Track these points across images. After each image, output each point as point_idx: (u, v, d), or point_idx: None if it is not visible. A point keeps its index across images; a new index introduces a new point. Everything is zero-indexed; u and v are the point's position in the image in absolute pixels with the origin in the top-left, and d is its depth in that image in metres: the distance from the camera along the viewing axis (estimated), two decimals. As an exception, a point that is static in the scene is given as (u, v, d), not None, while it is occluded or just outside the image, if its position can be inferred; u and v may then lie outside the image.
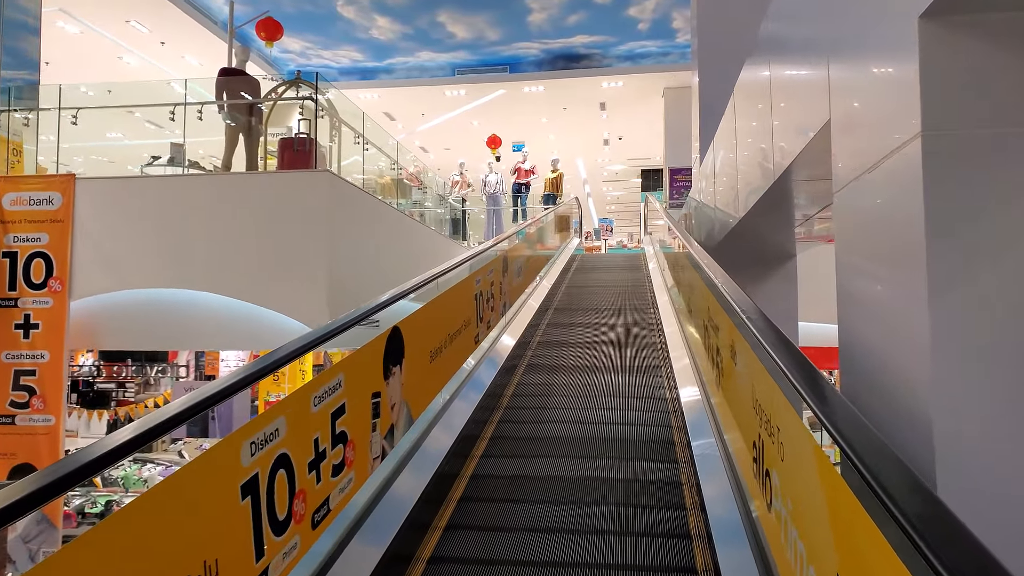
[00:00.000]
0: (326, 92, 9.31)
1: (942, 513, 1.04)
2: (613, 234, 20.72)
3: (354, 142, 9.05)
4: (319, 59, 14.52)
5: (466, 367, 4.30)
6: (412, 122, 16.97)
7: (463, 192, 14.58)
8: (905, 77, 1.76)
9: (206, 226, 7.09)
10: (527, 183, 14.65)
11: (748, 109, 4.39)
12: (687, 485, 3.29)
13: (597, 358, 5.39)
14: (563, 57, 14.13)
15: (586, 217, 28.64)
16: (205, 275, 7.17)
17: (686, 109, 14.43)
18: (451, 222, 14.74)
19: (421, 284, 3.38)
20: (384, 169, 11.25)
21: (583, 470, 3.49)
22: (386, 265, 8.48)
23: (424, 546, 2.82)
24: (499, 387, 4.75)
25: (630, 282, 8.42)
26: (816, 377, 1.78)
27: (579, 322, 6.54)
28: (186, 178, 8.30)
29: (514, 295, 6.22)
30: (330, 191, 7.29)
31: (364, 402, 2.52)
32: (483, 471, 3.51)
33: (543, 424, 4.10)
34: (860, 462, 1.26)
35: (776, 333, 2.19)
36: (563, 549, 2.78)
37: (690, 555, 2.69)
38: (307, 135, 8.84)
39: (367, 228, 8.23)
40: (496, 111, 15.90)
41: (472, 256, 4.55)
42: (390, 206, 9.98)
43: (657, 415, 4.20)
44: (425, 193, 12.95)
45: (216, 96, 8.61)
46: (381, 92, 15.13)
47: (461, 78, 14.61)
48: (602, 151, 19.88)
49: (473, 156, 17.47)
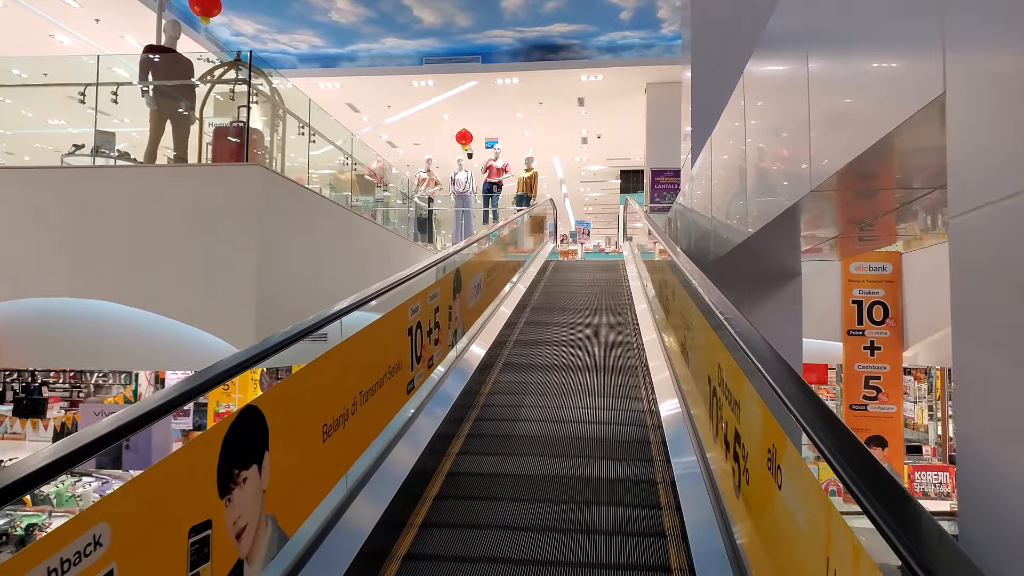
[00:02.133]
0: (270, 76, 8.23)
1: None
2: (590, 237, 19.80)
3: (298, 133, 7.99)
4: (275, 44, 13.37)
5: (392, 427, 3.31)
6: (378, 114, 15.88)
7: (430, 191, 13.55)
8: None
9: (122, 227, 6.05)
10: (499, 182, 13.68)
11: (766, 107, 3.47)
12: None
13: (565, 411, 4.39)
14: (539, 47, 13.17)
15: (563, 219, 27.80)
16: (118, 284, 6.13)
17: (671, 106, 13.58)
18: (417, 222, 13.71)
19: (313, 328, 2.38)
20: (342, 165, 10.19)
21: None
22: (334, 274, 7.45)
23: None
24: (423, 475, 3.37)
25: (609, 302, 7.49)
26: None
27: (543, 359, 5.56)
28: (103, 171, 7.18)
29: (472, 316, 5.23)
30: (262, 188, 6.26)
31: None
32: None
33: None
34: None
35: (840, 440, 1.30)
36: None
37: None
38: (242, 124, 7.80)
39: (310, 232, 7.20)
40: (468, 104, 14.89)
41: (405, 279, 3.50)
42: (342, 206, 8.94)
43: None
44: (387, 192, 11.91)
45: (140, 76, 7.51)
46: (343, 81, 14.03)
47: (429, 67, 13.57)
48: (580, 150, 18.96)
49: (444, 152, 16.44)
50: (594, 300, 7.34)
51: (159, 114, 7.53)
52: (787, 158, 2.97)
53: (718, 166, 4.78)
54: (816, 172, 2.54)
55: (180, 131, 7.57)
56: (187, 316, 6.03)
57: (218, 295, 5.98)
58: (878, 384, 10.79)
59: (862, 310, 11.24)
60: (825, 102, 2.50)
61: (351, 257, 8.15)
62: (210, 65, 8.26)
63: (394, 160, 19.37)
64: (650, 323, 6.00)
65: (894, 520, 1.05)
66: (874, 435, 11.44)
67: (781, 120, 3.11)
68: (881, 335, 10.60)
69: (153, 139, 7.44)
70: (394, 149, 18.84)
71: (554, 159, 20.01)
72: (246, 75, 8.03)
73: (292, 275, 6.59)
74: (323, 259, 7.37)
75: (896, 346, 11.42)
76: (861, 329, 10.61)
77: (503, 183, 13.84)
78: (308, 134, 8.15)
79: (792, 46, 2.93)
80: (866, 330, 10.73)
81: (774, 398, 1.71)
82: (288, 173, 8.53)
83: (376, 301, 3.16)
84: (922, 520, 1.07)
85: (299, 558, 2.33)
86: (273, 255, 6.24)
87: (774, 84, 3.29)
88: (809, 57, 2.64)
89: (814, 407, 1.55)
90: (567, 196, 25.23)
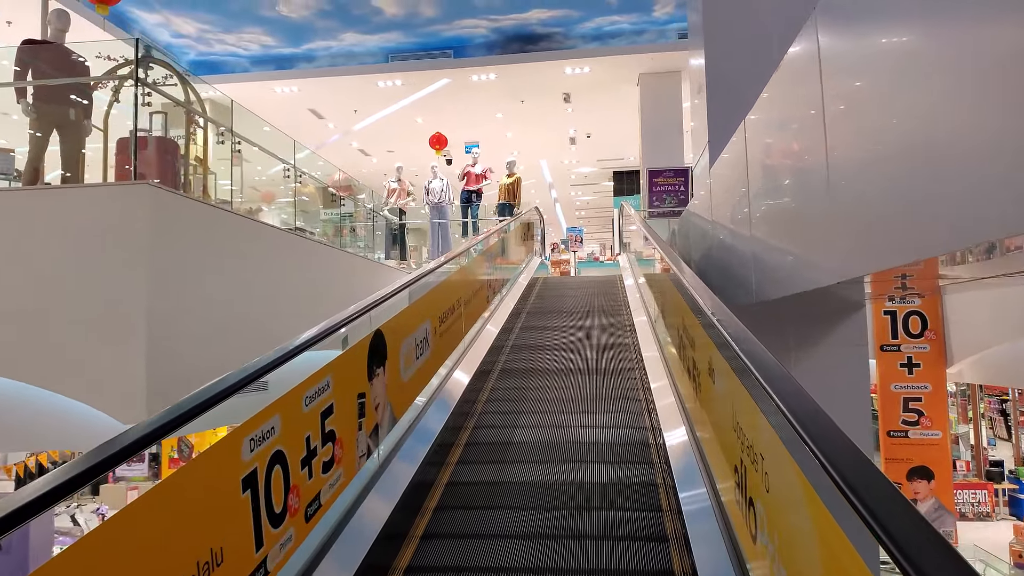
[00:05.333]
0: (180, 73, 6.78)
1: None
2: (583, 245, 18.34)
3: (217, 141, 6.53)
4: (222, 45, 11.91)
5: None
6: (344, 120, 14.42)
7: (401, 202, 12.10)
8: None
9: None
10: (479, 190, 12.24)
11: (870, 92, 2.04)
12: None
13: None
14: (517, 38, 11.73)
15: (554, 225, 26.39)
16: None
17: (667, 98, 12.16)
18: (392, 238, 12.26)
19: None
20: (290, 179, 8.73)
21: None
22: (269, 315, 5.99)
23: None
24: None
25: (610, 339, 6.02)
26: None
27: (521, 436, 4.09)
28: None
29: (412, 389, 3.72)
30: (153, 213, 4.84)
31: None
32: None
33: None
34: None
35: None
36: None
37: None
38: (148, 132, 6.41)
39: (232, 265, 5.76)
40: (442, 105, 13.44)
41: (218, 394, 2.02)
42: (283, 230, 7.49)
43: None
44: (343, 206, 10.47)
45: (16, 76, 6.08)
46: (301, 84, 12.57)
47: (396, 65, 12.12)
48: (569, 151, 17.52)
49: (421, 159, 14.99)
50: (590, 346, 5.85)
51: (42, 123, 6.11)
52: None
53: (761, 165, 3.33)
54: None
55: (68, 144, 6.16)
56: (54, 381, 4.60)
57: (93, 354, 4.56)
58: (919, 407, 9.60)
59: (896, 322, 9.86)
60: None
61: (295, 291, 6.69)
62: (112, 63, 6.80)
63: (368, 170, 17.91)
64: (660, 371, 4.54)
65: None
66: (918, 466, 9.96)
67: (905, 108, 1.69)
68: (920, 350, 9.49)
69: (33, 154, 6.01)
70: (367, 158, 17.38)
71: (541, 162, 18.57)
72: (163, 75, 6.63)
73: (202, 322, 5.14)
74: (252, 298, 5.91)
75: (938, 362, 9.97)
76: (896, 344, 9.48)
77: (483, 191, 12.41)
78: (232, 143, 6.71)
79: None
80: (902, 345, 9.59)
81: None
82: (224, 192, 7.10)
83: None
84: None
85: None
86: (172, 298, 4.80)
87: (890, 64, 1.87)
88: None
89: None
90: (557, 201, 23.79)
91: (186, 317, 4.93)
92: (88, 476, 1.53)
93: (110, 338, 4.57)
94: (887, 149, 1.91)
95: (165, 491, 1.65)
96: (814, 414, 1.41)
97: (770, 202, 3.15)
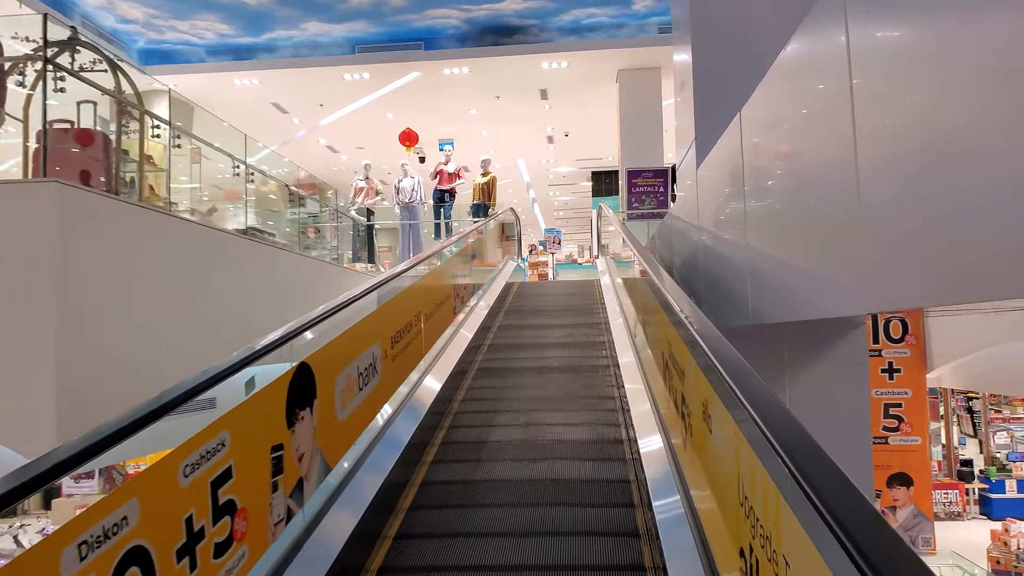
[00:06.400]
0: (110, 58, 6.11)
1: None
2: (561, 247, 17.83)
3: (152, 135, 5.87)
4: (174, 32, 11.17)
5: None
6: (310, 115, 13.73)
7: (369, 201, 11.47)
8: None
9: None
10: (452, 190, 11.65)
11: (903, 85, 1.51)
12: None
13: None
14: (491, 30, 11.16)
15: (533, 226, 25.86)
16: None
17: (647, 96, 11.65)
18: (357, 240, 11.62)
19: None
20: (243, 178, 8.07)
21: None
22: (202, 332, 5.35)
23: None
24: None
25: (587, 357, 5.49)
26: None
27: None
28: None
29: (351, 432, 3.14)
30: (64, 216, 4.20)
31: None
32: None
33: None
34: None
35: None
36: None
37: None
38: (72, 124, 5.80)
39: (163, 275, 5.12)
40: (413, 100, 12.82)
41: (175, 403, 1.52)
42: (233, 234, 6.86)
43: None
44: (303, 204, 9.83)
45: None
46: (263, 76, 11.88)
47: (364, 57, 11.47)
48: (546, 150, 16.98)
49: (393, 157, 14.35)
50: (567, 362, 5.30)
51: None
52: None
53: (761, 163, 2.81)
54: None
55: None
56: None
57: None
58: (899, 412, 9.42)
59: (877, 327, 9.51)
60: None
61: (246, 302, 6.05)
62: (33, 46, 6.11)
63: (338, 167, 17.23)
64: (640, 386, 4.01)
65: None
66: (897, 472, 9.66)
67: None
68: (901, 355, 9.28)
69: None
70: (336, 155, 16.69)
71: (519, 161, 18.02)
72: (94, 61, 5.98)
73: (130, 342, 4.51)
74: (193, 313, 5.28)
75: (919, 367, 9.65)
76: (877, 349, 9.23)
77: (456, 190, 11.83)
78: (171, 137, 6.06)
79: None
80: (883, 350, 9.35)
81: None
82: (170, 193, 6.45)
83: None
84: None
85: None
86: (89, 315, 4.18)
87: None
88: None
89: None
90: (535, 201, 23.25)
91: (108, 336, 4.31)
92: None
93: (11, 360, 3.95)
94: (954, 140, 1.39)
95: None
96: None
97: (772, 205, 2.62)
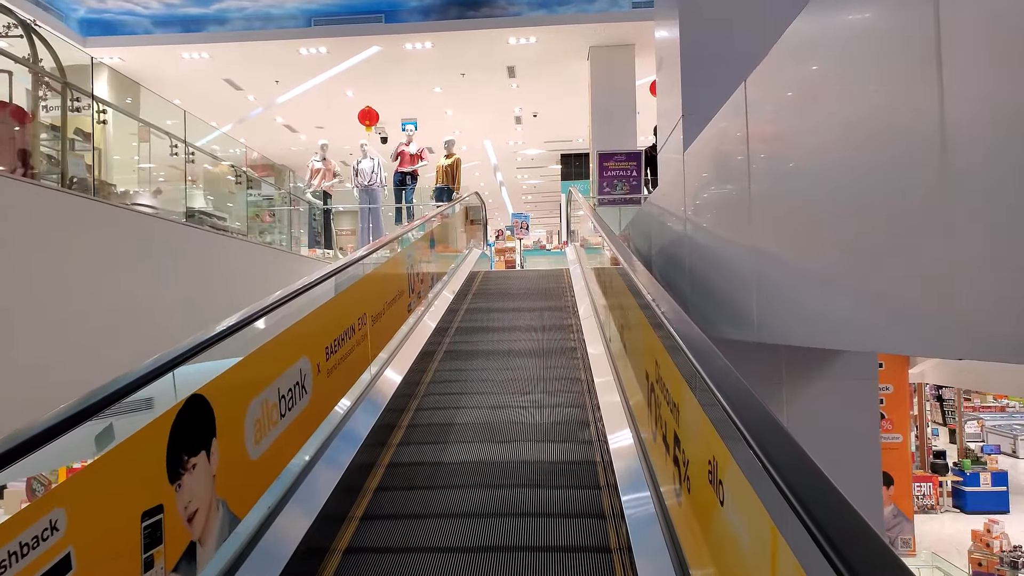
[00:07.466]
0: (25, 22, 5.42)
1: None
2: (529, 232, 17.34)
3: (71, 108, 5.23)
4: (119, 3, 10.35)
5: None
6: (265, 92, 12.97)
7: (326, 184, 10.84)
8: None
9: None
10: (414, 172, 11.09)
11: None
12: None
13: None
14: (456, 3, 10.56)
15: (501, 210, 25.31)
16: None
17: (620, 74, 11.18)
18: (313, 225, 11.00)
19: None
20: (182, 156, 7.41)
21: None
22: (129, 329, 4.78)
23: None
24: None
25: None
26: None
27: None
28: None
29: (268, 471, 2.64)
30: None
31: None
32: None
33: None
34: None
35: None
36: None
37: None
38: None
39: (83, 266, 4.54)
40: (374, 77, 12.17)
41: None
42: (174, 222, 6.26)
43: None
44: (251, 187, 9.18)
45: None
46: (213, 51, 11.11)
47: (320, 30, 10.79)
48: (514, 131, 16.44)
49: (354, 137, 13.67)
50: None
51: None
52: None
53: (775, 142, 2.36)
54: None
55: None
56: None
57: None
58: (881, 409, 9.24)
59: (856, 318, 9.14)
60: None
61: (185, 295, 5.47)
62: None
63: (297, 148, 16.46)
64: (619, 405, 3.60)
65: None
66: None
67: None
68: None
69: None
70: (295, 135, 15.92)
71: (486, 142, 17.45)
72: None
73: (37, 343, 3.94)
74: (119, 308, 4.70)
75: (900, 362, 9.38)
76: None
77: (418, 173, 11.27)
78: (94, 112, 5.42)
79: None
80: None
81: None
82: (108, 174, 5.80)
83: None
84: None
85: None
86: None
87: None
88: None
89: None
90: (503, 185, 22.71)
91: (11, 337, 3.74)
92: None
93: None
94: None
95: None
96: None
97: (794, 198, 2.19)
